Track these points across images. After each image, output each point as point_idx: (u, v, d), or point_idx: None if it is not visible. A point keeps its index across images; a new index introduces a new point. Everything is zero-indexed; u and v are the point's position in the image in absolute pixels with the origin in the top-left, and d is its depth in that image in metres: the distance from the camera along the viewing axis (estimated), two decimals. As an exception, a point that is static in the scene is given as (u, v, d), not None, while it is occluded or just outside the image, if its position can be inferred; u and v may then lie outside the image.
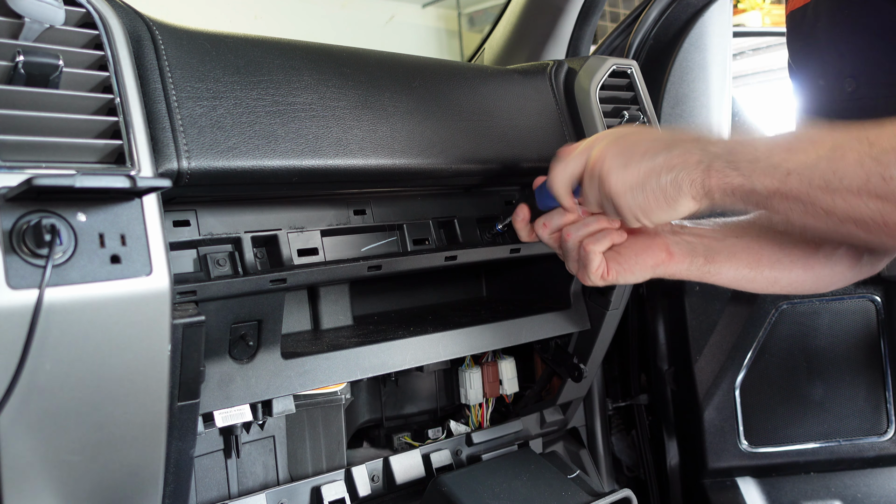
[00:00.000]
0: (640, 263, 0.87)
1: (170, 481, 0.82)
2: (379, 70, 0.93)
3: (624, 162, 0.74)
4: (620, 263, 0.87)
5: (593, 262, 0.85)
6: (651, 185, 0.73)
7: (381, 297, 1.23)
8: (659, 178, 0.72)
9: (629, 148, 0.75)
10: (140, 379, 0.68)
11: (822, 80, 0.93)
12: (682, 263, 0.89)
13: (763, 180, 0.66)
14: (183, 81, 0.75)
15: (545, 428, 1.30)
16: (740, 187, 0.68)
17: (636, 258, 0.87)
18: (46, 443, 0.65)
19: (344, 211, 0.97)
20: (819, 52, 0.92)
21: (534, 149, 1.05)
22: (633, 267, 0.87)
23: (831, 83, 0.91)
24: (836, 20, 0.88)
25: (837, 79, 0.89)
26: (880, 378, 1.38)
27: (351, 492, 1.06)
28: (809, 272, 0.91)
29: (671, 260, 0.88)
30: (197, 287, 0.79)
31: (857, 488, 1.38)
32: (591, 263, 0.85)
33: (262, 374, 0.90)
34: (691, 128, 0.79)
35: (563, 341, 1.26)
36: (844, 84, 0.88)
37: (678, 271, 0.89)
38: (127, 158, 0.66)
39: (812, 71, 0.95)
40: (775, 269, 0.91)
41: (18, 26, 0.64)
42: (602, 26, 3.73)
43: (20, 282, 0.58)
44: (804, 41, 0.95)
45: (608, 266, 0.87)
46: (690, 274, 0.90)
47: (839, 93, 0.90)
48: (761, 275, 0.91)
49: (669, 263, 0.88)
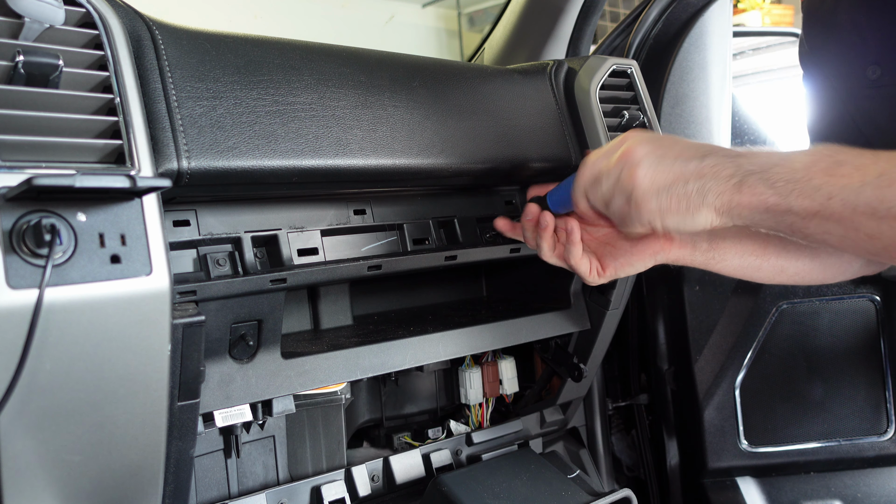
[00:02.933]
0: (637, 254, 0.86)
1: (170, 481, 0.82)
2: (379, 70, 0.93)
3: (656, 160, 0.72)
4: (616, 258, 0.86)
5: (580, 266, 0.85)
6: (676, 190, 0.71)
7: (381, 297, 1.23)
8: (686, 183, 0.70)
9: (663, 147, 0.73)
10: (140, 379, 0.68)
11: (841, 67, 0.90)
12: (685, 249, 0.87)
13: (801, 201, 0.65)
14: (183, 81, 0.75)
15: (545, 428, 1.30)
16: (775, 206, 0.66)
17: (633, 248, 0.86)
18: (46, 443, 0.65)
19: (344, 211, 0.97)
20: (840, 37, 0.89)
21: (534, 149, 1.05)
22: (631, 259, 0.86)
23: (852, 71, 0.88)
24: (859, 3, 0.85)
25: (860, 66, 0.86)
26: (880, 378, 1.38)
27: (351, 492, 1.07)
28: (816, 261, 0.89)
29: (672, 246, 0.86)
30: (197, 287, 0.79)
31: (857, 488, 1.38)
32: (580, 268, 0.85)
33: (262, 374, 0.90)
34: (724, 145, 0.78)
35: (563, 341, 1.26)
36: (867, 71, 0.86)
37: (680, 257, 0.87)
38: (127, 158, 0.66)
39: (831, 58, 0.92)
40: (782, 256, 0.89)
41: (18, 26, 0.64)
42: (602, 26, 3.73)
43: (20, 282, 0.58)
44: (823, 26, 0.92)
45: (602, 263, 0.87)
46: (694, 260, 0.88)
47: (860, 80, 0.87)
48: (767, 262, 0.89)
49: (671, 250, 0.86)
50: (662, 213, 0.72)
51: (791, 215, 0.66)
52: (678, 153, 0.72)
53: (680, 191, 0.71)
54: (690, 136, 1.42)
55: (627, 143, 0.75)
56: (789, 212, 0.66)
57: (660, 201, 0.72)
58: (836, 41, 0.90)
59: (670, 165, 0.71)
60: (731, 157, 0.70)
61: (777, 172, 0.66)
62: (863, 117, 0.90)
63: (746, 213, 0.69)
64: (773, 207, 0.67)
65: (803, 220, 0.66)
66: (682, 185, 0.70)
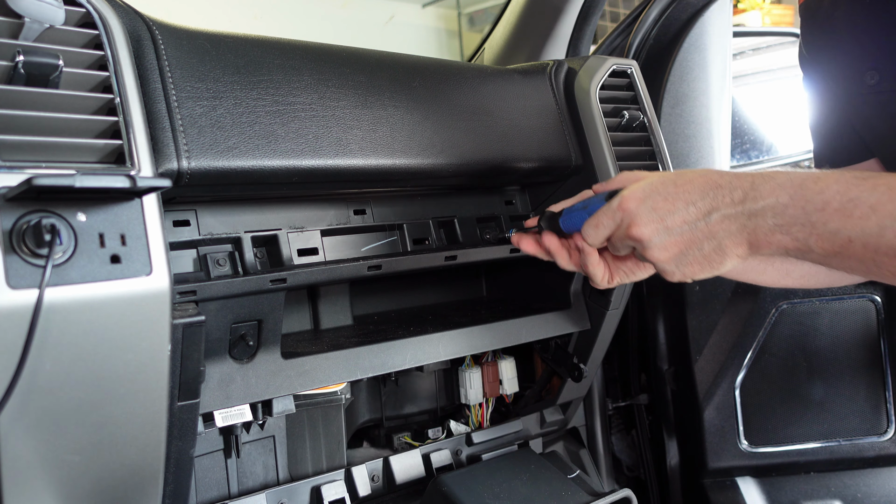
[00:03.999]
0: (642, 265, 0.86)
1: (170, 481, 0.82)
2: (379, 70, 0.93)
3: (663, 233, 0.71)
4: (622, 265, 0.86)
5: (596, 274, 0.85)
6: (693, 254, 0.71)
7: (381, 297, 1.23)
8: (701, 247, 0.70)
9: (662, 213, 0.71)
10: (140, 379, 0.68)
11: (839, 72, 0.89)
12: None
13: (821, 244, 0.64)
14: (183, 81, 0.75)
15: (545, 428, 1.30)
16: (794, 249, 0.66)
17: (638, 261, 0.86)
18: (46, 443, 0.65)
19: (344, 211, 0.97)
20: (837, 42, 0.88)
21: (534, 149, 1.05)
22: (635, 269, 0.86)
23: (850, 75, 0.87)
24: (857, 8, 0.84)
25: (857, 71, 0.86)
26: (880, 378, 1.37)
27: (351, 492, 1.06)
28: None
29: None
30: (197, 287, 0.79)
31: (857, 488, 1.38)
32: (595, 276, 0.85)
33: (262, 374, 0.90)
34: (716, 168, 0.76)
35: (563, 341, 1.26)
36: (865, 77, 0.85)
37: None
38: (127, 158, 0.66)
39: (829, 63, 0.91)
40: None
41: (18, 26, 0.64)
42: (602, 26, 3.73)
43: (20, 282, 0.58)
44: (821, 30, 0.91)
45: (611, 270, 0.87)
46: None
47: (858, 86, 0.86)
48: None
49: None
50: (688, 275, 0.73)
51: (812, 255, 0.66)
52: (682, 218, 0.70)
53: (697, 254, 0.71)
54: (690, 136, 1.42)
55: (626, 220, 0.73)
56: (809, 252, 0.66)
57: (682, 269, 0.73)
58: (833, 46, 0.89)
59: (679, 234, 0.71)
60: (737, 203, 0.68)
61: (791, 216, 0.65)
62: (861, 123, 0.89)
63: (767, 253, 0.69)
64: (792, 250, 0.67)
65: (824, 258, 0.66)
66: (698, 249, 0.71)
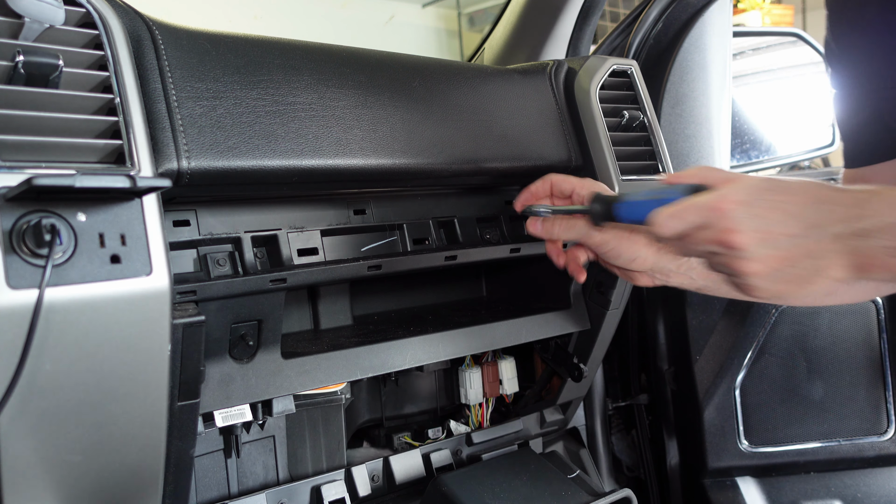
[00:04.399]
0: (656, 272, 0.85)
1: (170, 481, 0.82)
2: (379, 70, 0.93)
3: (763, 246, 0.65)
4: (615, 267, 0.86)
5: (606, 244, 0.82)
6: (788, 272, 0.65)
7: (381, 297, 1.23)
8: (796, 265, 0.65)
9: (770, 226, 0.65)
10: (140, 379, 0.68)
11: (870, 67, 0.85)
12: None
13: None
14: (183, 81, 0.75)
15: (545, 428, 1.30)
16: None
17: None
18: (46, 443, 0.65)
19: (344, 211, 0.97)
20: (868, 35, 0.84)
21: (534, 149, 1.05)
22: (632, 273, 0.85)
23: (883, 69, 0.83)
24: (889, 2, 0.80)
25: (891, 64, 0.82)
26: (880, 378, 1.38)
27: (351, 492, 1.06)
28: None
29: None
30: (197, 287, 0.79)
31: (857, 488, 1.38)
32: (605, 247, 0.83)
33: (262, 374, 0.90)
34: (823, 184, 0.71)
35: (563, 341, 1.26)
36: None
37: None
38: (127, 158, 0.66)
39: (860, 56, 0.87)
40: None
41: (18, 26, 0.64)
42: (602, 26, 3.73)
43: (20, 282, 0.58)
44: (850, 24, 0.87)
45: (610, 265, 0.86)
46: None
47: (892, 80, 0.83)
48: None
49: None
50: (776, 294, 0.68)
51: None
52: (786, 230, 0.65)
53: (791, 272, 0.66)
54: (690, 136, 1.42)
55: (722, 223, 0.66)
56: None
57: (775, 285, 0.67)
58: (864, 40, 0.86)
59: (780, 248, 0.65)
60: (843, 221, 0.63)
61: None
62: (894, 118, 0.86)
63: (877, 277, 0.65)
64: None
65: None
66: (793, 267, 0.65)
